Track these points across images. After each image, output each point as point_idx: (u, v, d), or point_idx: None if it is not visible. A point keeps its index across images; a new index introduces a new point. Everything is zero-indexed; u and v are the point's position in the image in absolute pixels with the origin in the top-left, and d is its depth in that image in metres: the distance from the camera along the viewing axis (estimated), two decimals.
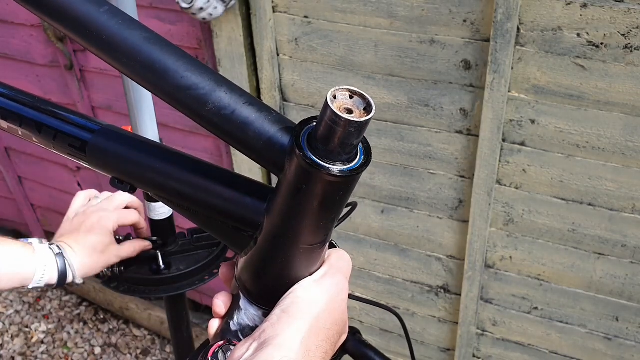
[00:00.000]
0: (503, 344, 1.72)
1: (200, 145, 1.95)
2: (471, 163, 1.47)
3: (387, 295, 1.84)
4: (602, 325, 1.53)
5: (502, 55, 1.27)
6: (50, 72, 2.14)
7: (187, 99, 0.46)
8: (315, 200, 0.46)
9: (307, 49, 1.53)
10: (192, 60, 0.47)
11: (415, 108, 1.47)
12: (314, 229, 0.49)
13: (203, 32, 1.67)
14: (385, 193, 1.65)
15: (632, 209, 1.35)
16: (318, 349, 0.49)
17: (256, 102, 0.48)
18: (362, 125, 0.42)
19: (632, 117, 1.25)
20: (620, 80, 1.22)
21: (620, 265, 1.43)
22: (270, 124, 0.46)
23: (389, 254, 1.76)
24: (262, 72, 1.61)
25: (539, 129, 1.35)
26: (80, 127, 0.63)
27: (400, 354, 1.92)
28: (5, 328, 2.69)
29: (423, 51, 1.39)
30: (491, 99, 1.33)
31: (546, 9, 1.21)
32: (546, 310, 1.59)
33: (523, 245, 1.52)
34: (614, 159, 1.31)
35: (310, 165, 0.43)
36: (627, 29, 1.16)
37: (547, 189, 1.41)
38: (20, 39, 2.10)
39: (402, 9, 1.36)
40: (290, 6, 1.49)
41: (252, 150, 0.48)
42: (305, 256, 0.52)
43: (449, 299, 1.74)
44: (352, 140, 0.43)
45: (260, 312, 0.55)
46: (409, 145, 1.53)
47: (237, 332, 0.56)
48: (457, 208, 1.57)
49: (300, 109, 1.64)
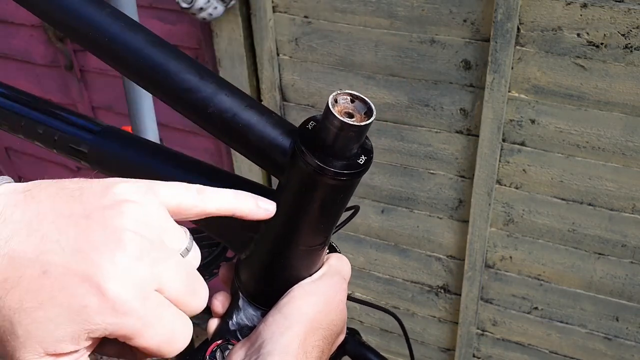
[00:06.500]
0: (503, 344, 1.72)
1: (201, 146, 1.95)
2: (471, 163, 1.47)
3: (387, 295, 1.85)
4: (602, 325, 1.53)
5: (502, 55, 1.27)
6: (50, 72, 2.14)
7: (189, 102, 0.46)
8: (316, 202, 0.46)
9: (307, 49, 1.53)
10: (193, 63, 0.47)
11: (415, 108, 1.47)
12: (314, 231, 0.50)
13: (203, 32, 1.67)
14: (385, 193, 1.65)
15: (632, 209, 1.35)
16: (314, 349, 0.49)
17: (257, 105, 0.48)
18: (362, 130, 0.42)
19: (632, 117, 1.25)
20: (620, 80, 1.22)
21: (620, 265, 1.43)
22: (271, 126, 0.47)
23: (389, 254, 1.76)
24: (262, 72, 1.61)
25: (539, 129, 1.35)
26: (81, 127, 0.63)
27: (400, 354, 1.92)
28: None
29: (423, 51, 1.39)
30: (491, 99, 1.33)
31: (546, 9, 1.21)
32: (546, 310, 1.59)
33: (523, 245, 1.52)
34: (614, 159, 1.31)
35: (311, 167, 0.44)
36: (627, 29, 1.16)
37: (547, 189, 1.42)
38: (20, 39, 2.10)
39: (402, 9, 1.36)
40: (290, 6, 1.49)
41: (253, 153, 0.48)
42: (304, 257, 0.52)
43: (449, 299, 1.74)
44: (352, 144, 0.43)
45: (258, 312, 0.55)
46: (409, 145, 1.54)
47: (235, 332, 0.56)
48: (457, 208, 1.57)
49: (300, 109, 1.64)
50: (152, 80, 0.47)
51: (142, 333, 0.34)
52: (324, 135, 0.43)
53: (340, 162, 0.44)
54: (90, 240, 0.34)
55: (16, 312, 0.33)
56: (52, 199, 0.35)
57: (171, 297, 0.36)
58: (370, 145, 0.46)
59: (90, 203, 0.35)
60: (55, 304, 0.32)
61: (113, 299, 0.33)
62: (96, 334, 0.34)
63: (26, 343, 0.33)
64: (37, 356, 0.33)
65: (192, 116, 0.48)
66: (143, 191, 0.37)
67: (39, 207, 0.34)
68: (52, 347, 0.33)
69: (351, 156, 0.44)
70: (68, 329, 0.33)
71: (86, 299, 0.33)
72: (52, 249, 0.33)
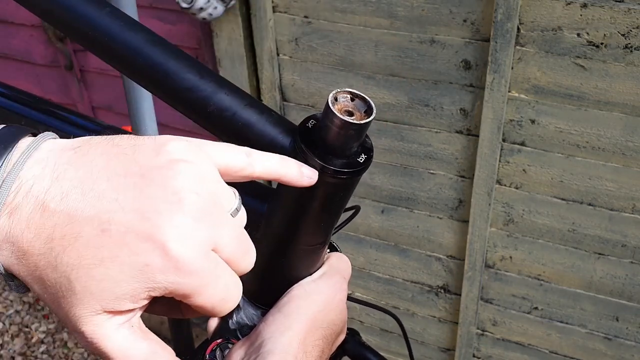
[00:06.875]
0: (503, 344, 1.72)
1: None
2: (471, 163, 1.47)
3: (387, 295, 1.84)
4: (602, 325, 1.53)
5: (502, 55, 1.27)
6: (50, 72, 2.14)
7: (189, 101, 0.47)
8: (316, 201, 0.46)
9: (307, 49, 1.53)
10: (193, 63, 0.47)
11: (416, 108, 1.47)
12: (315, 230, 0.50)
13: (203, 32, 1.67)
14: (385, 193, 1.65)
15: (632, 209, 1.35)
16: (314, 348, 0.49)
17: (257, 104, 0.48)
18: (362, 128, 0.42)
19: (632, 117, 1.25)
20: (620, 80, 1.22)
21: (620, 265, 1.43)
22: (271, 125, 0.47)
23: (389, 254, 1.76)
24: (262, 72, 1.61)
25: (539, 129, 1.35)
26: (81, 127, 0.63)
27: (400, 354, 1.92)
28: (6, 328, 2.69)
29: (423, 51, 1.39)
30: (491, 99, 1.33)
31: (546, 9, 1.21)
32: (546, 310, 1.59)
33: (523, 245, 1.52)
34: (614, 159, 1.31)
35: (311, 166, 0.44)
36: (627, 29, 1.16)
37: (547, 189, 1.42)
38: (20, 39, 2.10)
39: (402, 9, 1.36)
40: (290, 6, 1.49)
41: None
42: (305, 257, 0.52)
43: (449, 299, 1.74)
44: (352, 142, 0.43)
45: (258, 311, 0.55)
46: (409, 145, 1.54)
47: (235, 331, 0.56)
48: (457, 208, 1.57)
49: (300, 109, 1.64)
50: (152, 79, 0.47)
51: (201, 292, 0.35)
52: (324, 133, 0.43)
53: (340, 161, 0.44)
54: (150, 200, 0.34)
55: (74, 268, 0.33)
56: (104, 157, 0.35)
57: (225, 256, 0.36)
58: (370, 144, 0.46)
59: (144, 162, 0.35)
60: (116, 262, 0.33)
61: (176, 257, 0.33)
62: (155, 292, 0.34)
63: (84, 300, 0.33)
64: (93, 313, 0.33)
65: (192, 115, 0.48)
66: (195, 150, 0.37)
67: (92, 165, 0.34)
68: (110, 305, 0.33)
69: (351, 155, 0.44)
70: (129, 286, 0.33)
71: (149, 258, 0.33)
72: (110, 208, 0.33)
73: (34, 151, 0.35)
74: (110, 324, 0.34)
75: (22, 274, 0.34)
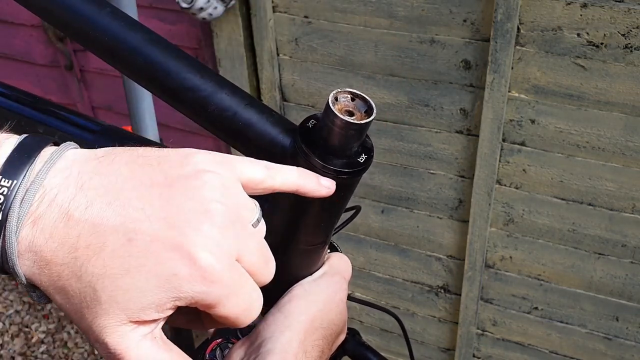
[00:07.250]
0: (503, 344, 1.72)
1: (201, 145, 1.95)
2: (471, 163, 1.47)
3: (387, 295, 1.85)
4: (602, 325, 1.53)
5: (502, 55, 1.27)
6: (50, 72, 2.14)
7: (189, 100, 0.46)
8: (316, 200, 0.46)
9: (307, 49, 1.53)
10: (194, 63, 0.47)
11: (415, 108, 1.47)
12: (315, 230, 0.50)
13: (203, 32, 1.67)
14: (385, 193, 1.65)
15: (632, 209, 1.35)
16: (314, 348, 0.49)
17: (257, 104, 0.48)
18: (363, 128, 0.42)
19: (632, 117, 1.25)
20: (620, 80, 1.22)
21: (620, 265, 1.43)
22: (271, 125, 0.47)
23: (389, 254, 1.76)
24: (262, 72, 1.61)
25: (539, 129, 1.35)
26: (81, 127, 0.63)
27: (400, 354, 1.92)
28: (5, 328, 2.69)
29: (423, 51, 1.39)
30: (491, 99, 1.33)
31: (546, 9, 1.21)
32: (546, 310, 1.59)
33: (523, 245, 1.52)
34: (614, 159, 1.31)
35: (311, 166, 0.43)
36: (627, 29, 1.16)
37: (547, 189, 1.42)
38: (20, 39, 2.10)
39: (402, 9, 1.36)
40: (290, 6, 1.49)
41: (253, 152, 0.48)
42: (305, 256, 0.52)
43: (449, 299, 1.74)
44: (353, 142, 0.43)
45: None
46: (409, 145, 1.54)
47: (235, 331, 0.56)
48: (457, 208, 1.57)
49: (300, 109, 1.64)
50: (152, 79, 0.47)
51: (225, 302, 0.35)
52: (325, 133, 0.43)
53: (340, 161, 0.44)
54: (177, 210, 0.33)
55: (100, 278, 0.32)
56: (129, 167, 0.35)
57: (247, 266, 0.36)
58: (370, 144, 0.46)
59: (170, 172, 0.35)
60: (142, 271, 0.32)
61: (204, 267, 0.33)
62: (181, 302, 0.33)
63: (109, 310, 0.33)
64: (118, 323, 0.33)
65: (192, 115, 0.48)
66: (220, 161, 0.37)
67: (117, 174, 0.34)
68: (136, 315, 0.33)
69: (352, 154, 0.44)
70: (155, 296, 0.33)
71: (176, 267, 0.33)
72: (137, 217, 0.33)
73: (57, 160, 0.34)
74: (135, 335, 0.34)
75: (44, 284, 0.34)
